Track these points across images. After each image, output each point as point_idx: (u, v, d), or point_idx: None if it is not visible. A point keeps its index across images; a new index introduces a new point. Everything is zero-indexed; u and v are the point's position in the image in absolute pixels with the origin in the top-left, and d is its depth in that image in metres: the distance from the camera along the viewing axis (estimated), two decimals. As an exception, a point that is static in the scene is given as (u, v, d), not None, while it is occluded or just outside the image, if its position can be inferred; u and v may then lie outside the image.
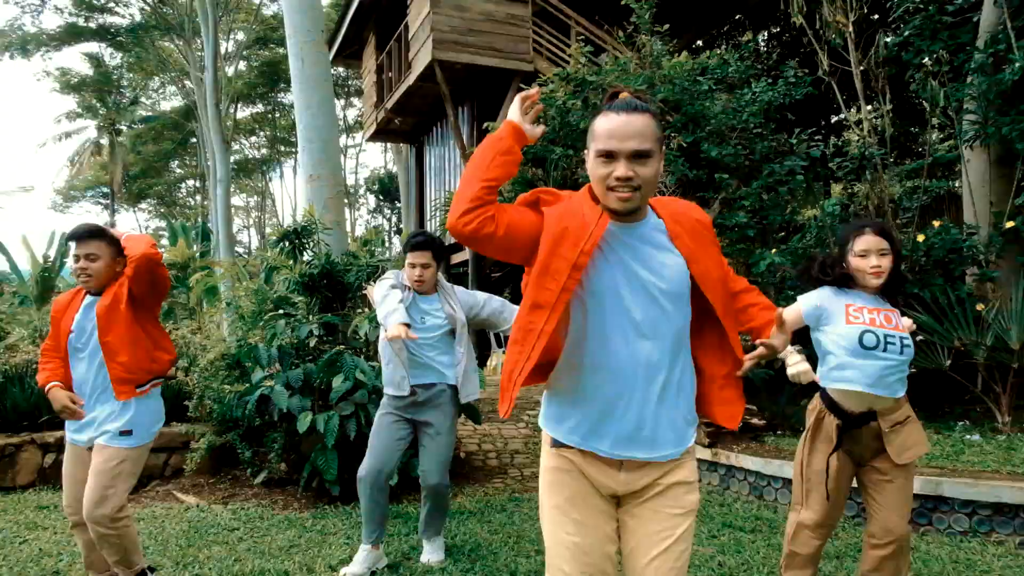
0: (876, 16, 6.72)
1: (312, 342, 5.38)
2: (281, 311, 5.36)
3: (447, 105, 11.24)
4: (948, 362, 5.68)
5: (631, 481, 1.74)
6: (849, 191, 6.62)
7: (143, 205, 47.73)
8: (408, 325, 3.19)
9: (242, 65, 31.66)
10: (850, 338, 2.58)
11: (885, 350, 2.57)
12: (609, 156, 1.65)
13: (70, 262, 3.25)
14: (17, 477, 5.51)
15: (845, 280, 2.67)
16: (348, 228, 49.54)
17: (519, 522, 4.40)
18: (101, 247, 2.99)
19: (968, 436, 5.23)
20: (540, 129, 1.86)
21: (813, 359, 2.76)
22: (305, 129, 6.71)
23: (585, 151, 1.74)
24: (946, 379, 5.84)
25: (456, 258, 12.77)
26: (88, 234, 3.01)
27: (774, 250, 6.25)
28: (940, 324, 5.61)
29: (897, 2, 6.57)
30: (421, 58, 10.88)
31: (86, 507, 2.89)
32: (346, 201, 48.15)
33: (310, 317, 5.56)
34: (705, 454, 5.14)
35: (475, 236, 1.66)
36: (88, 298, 3.07)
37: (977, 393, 5.76)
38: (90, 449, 3.02)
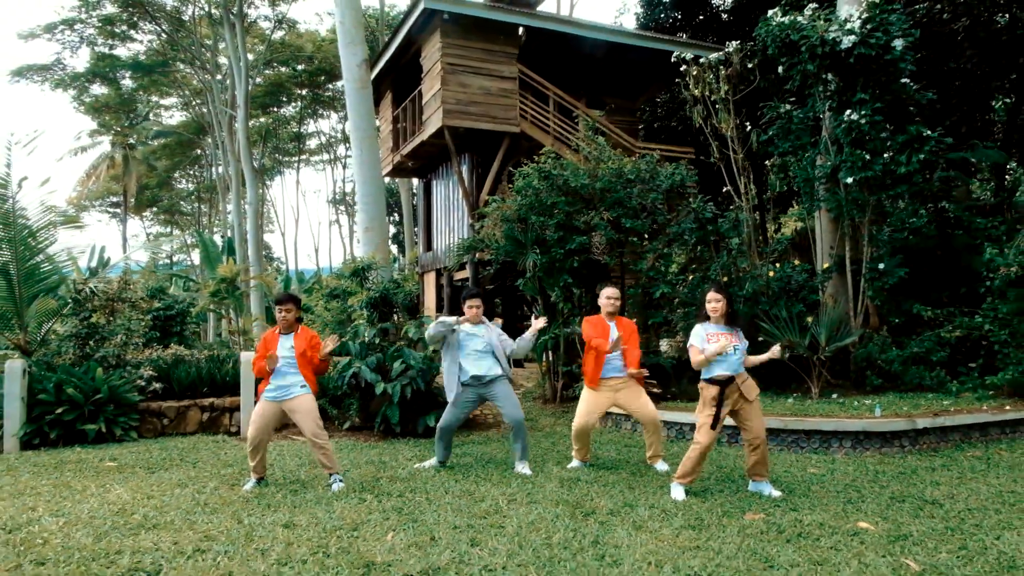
0: (749, 123, 9.86)
1: (377, 340, 8.49)
2: (361, 321, 8.49)
3: (452, 156, 14.37)
4: (787, 355, 8.83)
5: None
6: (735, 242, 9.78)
7: (146, 214, 50.42)
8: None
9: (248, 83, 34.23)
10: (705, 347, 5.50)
11: (726, 355, 5.38)
12: (610, 298, 5.65)
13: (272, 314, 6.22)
14: (187, 427, 8.58)
15: (705, 316, 5.38)
16: (347, 234, 52.01)
17: (507, 446, 7.47)
18: (292, 307, 5.93)
19: (786, 401, 8.38)
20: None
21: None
22: (362, 196, 9.88)
23: (598, 289, 5.86)
24: (786, 367, 9.00)
25: (459, 275, 15.92)
26: (287, 298, 5.91)
27: (686, 279, 9.54)
28: (779, 331, 8.77)
29: (766, 112, 9.77)
30: (432, 122, 14.00)
31: (312, 430, 5.63)
32: (342, 208, 51.04)
33: (373, 324, 8.67)
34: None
35: None
36: (282, 337, 5.77)
37: (803, 375, 8.92)
38: (277, 403, 5.87)
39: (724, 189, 9.77)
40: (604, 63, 15.99)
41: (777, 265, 9.06)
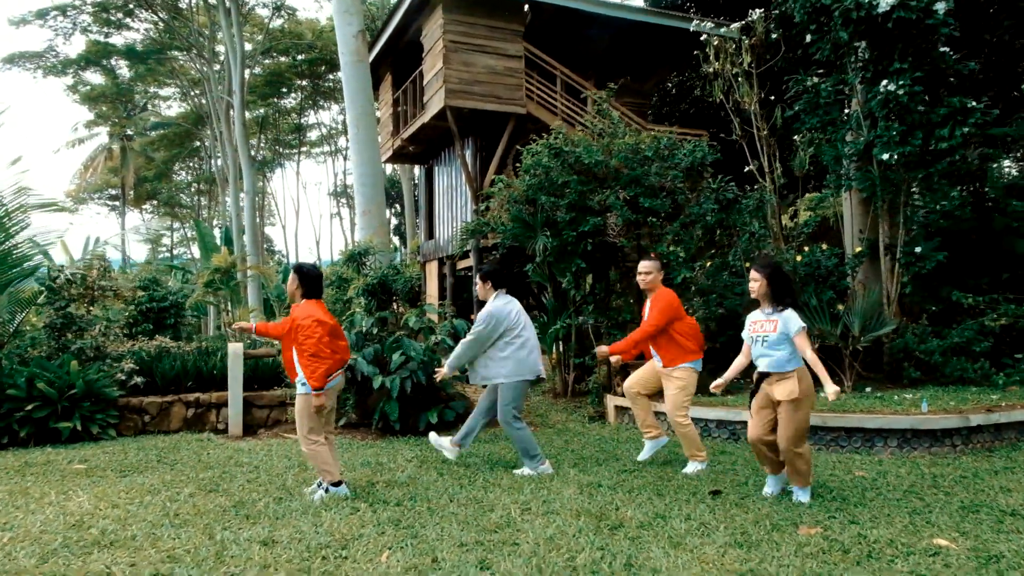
0: (773, 97, 9.20)
1: (375, 330, 7.86)
2: (358, 310, 7.86)
3: (455, 140, 13.70)
4: (816, 345, 8.19)
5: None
6: (757, 225, 9.13)
7: (146, 206, 49.76)
8: None
9: (247, 73, 33.41)
10: (746, 338, 4.79)
11: (755, 343, 4.65)
12: (639, 273, 5.56)
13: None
14: (171, 424, 7.96)
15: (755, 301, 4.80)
16: (348, 227, 51.43)
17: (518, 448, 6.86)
18: (293, 278, 5.24)
19: (819, 395, 7.73)
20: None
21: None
22: (359, 176, 9.22)
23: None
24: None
25: (461, 264, 15.28)
26: (294, 268, 5.24)
27: (704, 265, 8.92)
28: (809, 319, 8.12)
29: (791, 86, 9.10)
30: (435, 103, 13.32)
31: (299, 434, 4.83)
32: (343, 201, 50.42)
33: (371, 313, 8.04)
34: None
35: None
36: None
37: (833, 367, 8.27)
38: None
39: (746, 168, 9.10)
40: (613, 43, 15.28)
41: (806, 249, 8.41)
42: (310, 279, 4.93)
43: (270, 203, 54.98)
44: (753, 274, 4.72)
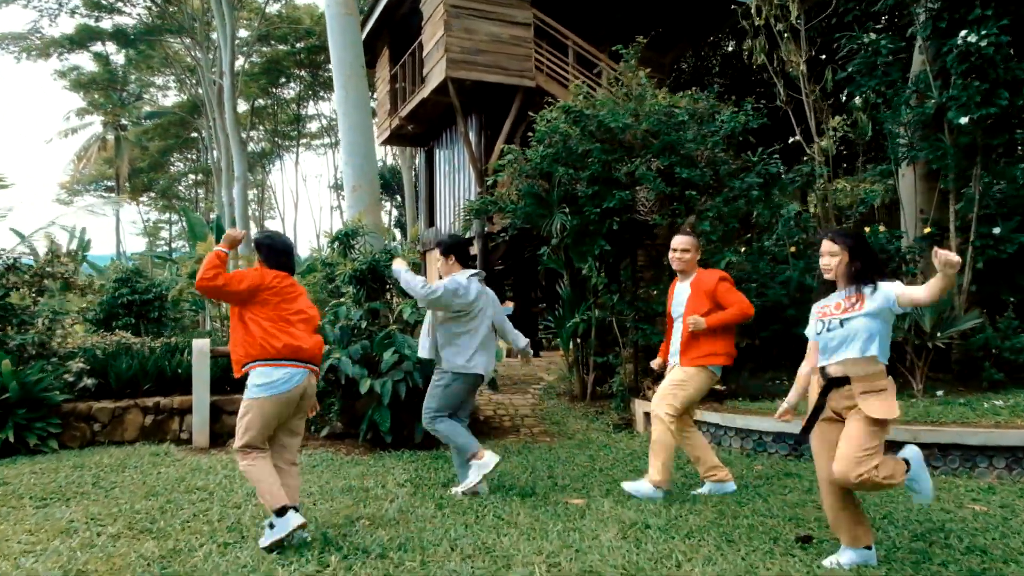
0: (824, 56, 8.03)
1: (364, 324, 6.71)
2: (341, 300, 6.71)
3: (458, 116, 12.52)
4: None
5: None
6: (804, 203, 7.99)
7: (143, 198, 48.59)
8: None
9: (243, 60, 32.25)
10: (812, 335, 3.47)
11: (826, 331, 3.30)
12: (674, 250, 4.60)
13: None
14: (125, 434, 6.81)
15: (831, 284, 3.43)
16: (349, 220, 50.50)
17: (531, 461, 5.71)
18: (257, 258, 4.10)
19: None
20: None
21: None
22: (348, 146, 8.07)
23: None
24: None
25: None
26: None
27: (739, 250, 7.76)
28: (869, 311, 6.95)
29: (844, 44, 7.91)
30: (435, 75, 12.15)
31: None
32: (343, 194, 49.22)
33: (360, 304, 6.89)
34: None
35: None
36: None
37: (899, 367, 7.11)
38: None
39: (790, 140, 7.92)
40: (630, 12, 14.08)
41: (867, 230, 7.24)
42: (261, 248, 3.97)
43: (270, 196, 53.88)
44: (829, 247, 3.35)
